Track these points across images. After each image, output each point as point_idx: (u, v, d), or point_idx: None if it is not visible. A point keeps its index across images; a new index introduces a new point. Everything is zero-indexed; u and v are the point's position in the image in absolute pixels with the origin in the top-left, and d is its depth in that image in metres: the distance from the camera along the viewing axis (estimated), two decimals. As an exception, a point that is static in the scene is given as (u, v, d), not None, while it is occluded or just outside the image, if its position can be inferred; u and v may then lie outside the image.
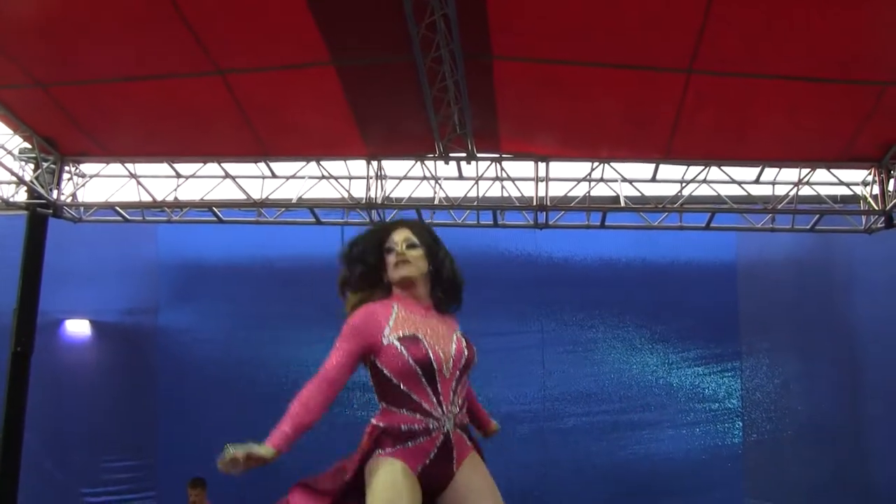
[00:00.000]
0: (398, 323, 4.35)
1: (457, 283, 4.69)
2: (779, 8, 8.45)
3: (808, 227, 12.05)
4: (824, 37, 8.78)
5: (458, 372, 4.34)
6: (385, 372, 4.31)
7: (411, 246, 4.54)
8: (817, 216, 11.93)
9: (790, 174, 11.64)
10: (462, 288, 4.72)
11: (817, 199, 11.92)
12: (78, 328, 14.30)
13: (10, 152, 11.65)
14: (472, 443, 4.49)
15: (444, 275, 4.62)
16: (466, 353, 4.40)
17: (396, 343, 4.27)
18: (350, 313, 4.48)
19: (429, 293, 4.60)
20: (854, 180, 11.76)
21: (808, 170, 11.50)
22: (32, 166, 11.94)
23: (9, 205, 12.16)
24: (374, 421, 4.39)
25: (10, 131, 11.52)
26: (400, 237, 4.56)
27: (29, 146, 11.78)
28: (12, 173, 11.69)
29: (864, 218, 11.86)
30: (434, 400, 4.26)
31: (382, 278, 4.58)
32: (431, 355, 4.26)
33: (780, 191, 11.72)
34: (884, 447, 12.35)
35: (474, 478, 4.38)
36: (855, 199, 11.88)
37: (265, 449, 4.17)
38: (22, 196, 12.14)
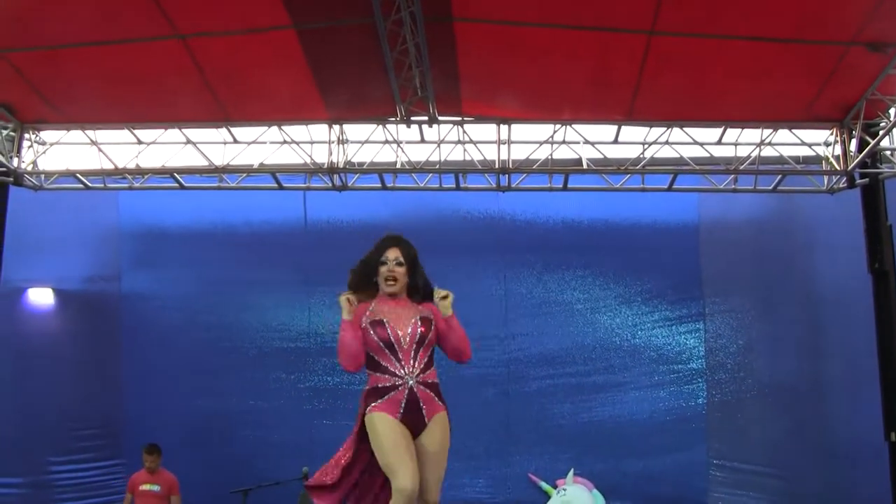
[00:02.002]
0: (373, 313, 5.88)
1: (427, 288, 6.04)
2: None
3: (770, 187, 12.11)
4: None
5: (415, 344, 5.76)
6: (366, 349, 5.82)
7: (399, 264, 5.95)
8: (779, 177, 11.98)
9: (752, 135, 11.67)
10: (430, 289, 6.04)
11: (779, 159, 11.93)
12: (41, 296, 14.21)
13: (-32, 120, 11.55)
14: (444, 403, 5.86)
15: (419, 284, 6.02)
16: (421, 330, 5.78)
17: (368, 327, 5.81)
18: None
19: (405, 291, 5.99)
20: (816, 141, 11.82)
21: (771, 130, 11.55)
22: (-9, 134, 11.83)
23: (-31, 173, 12.07)
24: (364, 388, 5.86)
25: (-32, 98, 11.41)
26: (392, 255, 5.97)
27: (-13, 113, 11.67)
28: (-29, 142, 11.58)
29: (825, 178, 11.91)
30: (397, 364, 5.75)
31: (374, 280, 5.99)
32: (390, 334, 5.76)
33: (743, 152, 11.76)
34: (844, 406, 12.45)
35: (433, 438, 5.77)
36: (817, 159, 11.94)
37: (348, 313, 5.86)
38: (-18, 164, 12.03)
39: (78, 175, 12.44)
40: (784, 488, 12.71)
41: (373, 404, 5.70)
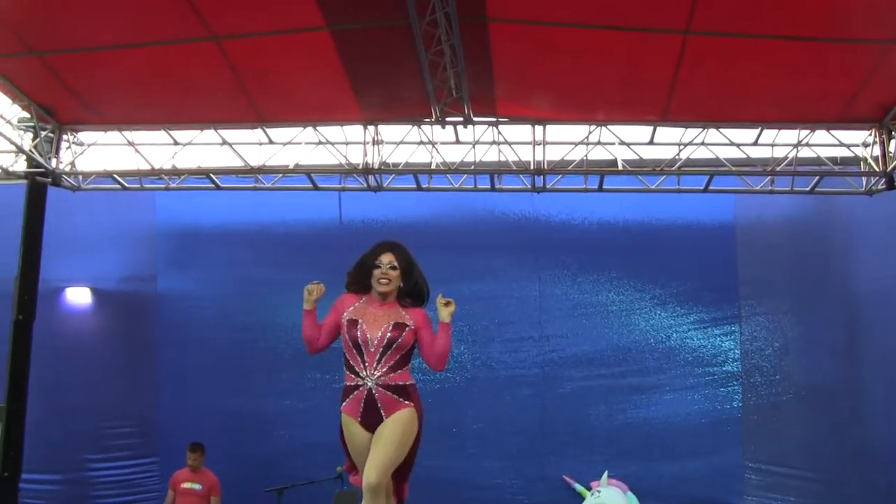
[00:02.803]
0: (354, 311, 6.24)
1: (420, 293, 6.43)
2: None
3: (807, 188, 12.03)
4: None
5: (381, 348, 6.08)
6: (342, 345, 6.23)
7: (393, 268, 6.28)
8: (817, 178, 11.90)
9: (789, 136, 11.58)
10: (424, 294, 6.44)
11: (817, 160, 11.84)
12: (78, 296, 14.32)
13: (8, 122, 11.66)
14: (412, 401, 6.15)
15: (412, 289, 6.40)
16: (389, 335, 6.10)
17: (344, 323, 6.20)
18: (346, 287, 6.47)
19: (395, 295, 6.34)
20: (854, 141, 11.70)
21: (808, 131, 11.46)
22: (31, 135, 11.93)
23: (8, 174, 12.21)
24: None
25: (9, 100, 11.50)
26: (386, 259, 6.29)
27: (27, 115, 11.81)
28: (11, 142, 11.69)
29: (864, 179, 11.82)
30: (361, 365, 6.10)
31: (368, 281, 6.32)
32: (359, 335, 6.11)
33: (780, 153, 11.67)
34: (881, 409, 12.32)
35: (383, 428, 6.03)
36: (855, 160, 11.82)
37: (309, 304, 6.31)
38: (21, 165, 12.21)
39: (115, 176, 12.57)
40: (821, 491, 12.57)
41: (343, 404, 6.18)
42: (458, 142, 12.02)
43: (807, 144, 11.56)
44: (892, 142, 11.20)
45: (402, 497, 6.44)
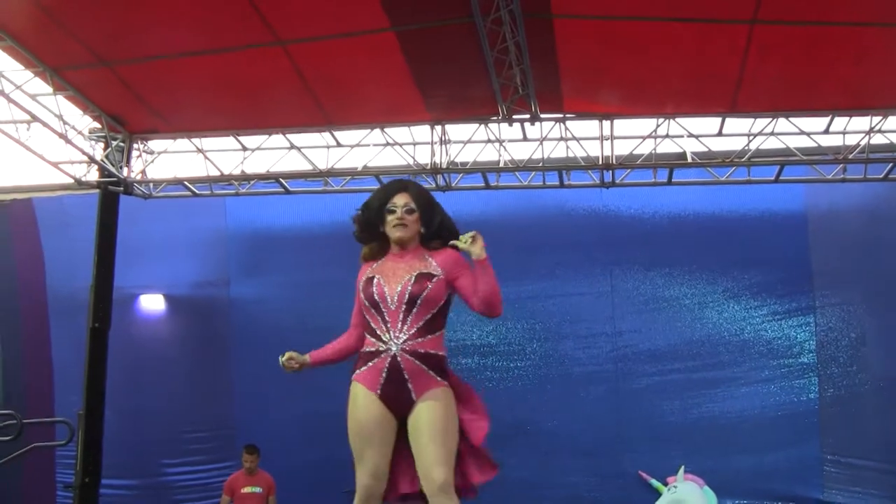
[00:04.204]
0: (372, 270, 5.19)
1: (451, 233, 5.25)
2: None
3: (881, 176, 11.87)
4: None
5: (403, 305, 5.01)
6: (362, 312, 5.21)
7: (409, 211, 5.19)
8: (890, 165, 11.73)
9: (861, 123, 11.43)
10: (455, 231, 5.26)
11: (890, 147, 11.68)
12: (152, 303, 14.52)
13: (80, 132, 11.84)
14: (448, 379, 5.06)
15: (437, 231, 5.29)
16: (411, 289, 5.02)
17: (361, 285, 5.19)
18: (361, 257, 5.39)
19: (418, 242, 5.26)
20: (927, 126, 11.55)
21: (880, 117, 11.30)
22: (102, 145, 12.12)
23: (81, 184, 12.40)
24: None
25: (80, 111, 11.67)
26: (401, 201, 5.21)
27: (98, 125, 12.01)
28: (83, 153, 11.89)
29: (938, 164, 11.66)
30: (383, 326, 5.03)
31: (381, 231, 5.25)
32: (376, 291, 5.07)
33: (851, 140, 11.52)
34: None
35: (419, 421, 4.95)
36: (929, 145, 11.67)
37: (301, 357, 5.47)
38: (93, 175, 12.39)
39: (185, 182, 12.71)
40: (903, 484, 12.44)
41: (357, 370, 5.15)
42: (525, 139, 11.98)
43: (879, 131, 11.39)
44: (966, 126, 11.04)
45: (471, 483, 5.15)
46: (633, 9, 9.47)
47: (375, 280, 5.10)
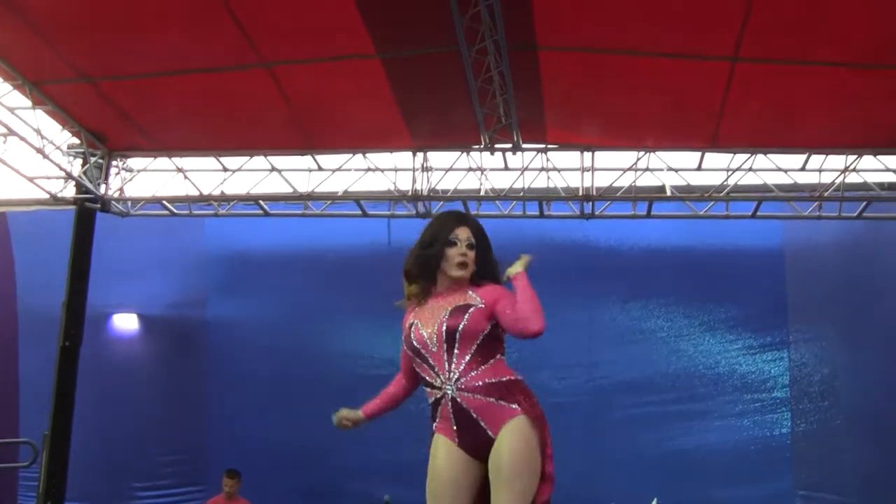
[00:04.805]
0: (414, 315, 4.80)
1: (496, 274, 4.89)
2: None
3: (855, 214, 11.97)
4: (870, 22, 8.72)
5: (443, 344, 4.59)
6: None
7: (470, 246, 4.78)
8: (864, 203, 11.84)
9: (837, 161, 11.53)
10: (498, 274, 4.88)
11: (864, 186, 11.79)
12: (126, 322, 14.44)
13: (58, 147, 11.76)
14: (520, 403, 4.56)
15: (487, 271, 4.86)
16: (447, 325, 4.59)
17: (403, 335, 4.80)
18: (405, 297, 4.95)
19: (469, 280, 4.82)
20: (902, 167, 11.67)
21: (855, 157, 11.40)
22: (80, 161, 12.01)
23: (57, 200, 12.27)
24: None
25: (59, 126, 11.62)
26: (463, 235, 4.79)
27: (77, 141, 11.89)
28: (61, 168, 11.78)
29: (911, 204, 11.77)
30: (432, 373, 4.63)
31: (437, 266, 4.80)
32: (415, 338, 4.67)
33: (827, 178, 11.62)
34: (933, 436, 12.25)
35: (497, 457, 4.45)
36: (903, 186, 11.79)
37: (354, 412, 5.18)
38: (70, 191, 12.25)
39: (164, 202, 12.65)
40: (873, 519, 12.51)
41: (434, 424, 4.70)
42: (506, 168, 12.02)
43: (854, 170, 11.50)
44: (939, 168, 11.16)
45: None
46: (618, 43, 9.51)
47: (412, 326, 4.72)
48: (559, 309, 13.46)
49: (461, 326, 4.57)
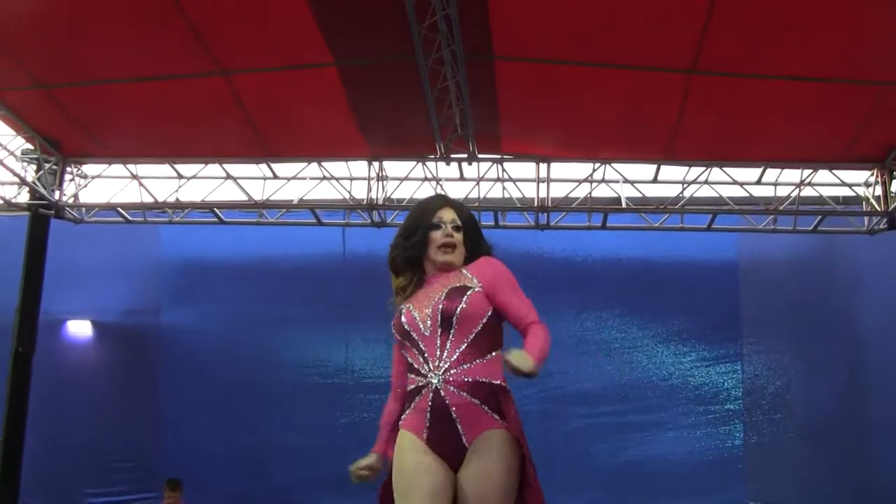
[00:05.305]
0: (406, 302, 4.37)
1: (487, 252, 4.55)
2: (780, 8, 8.43)
3: (810, 228, 12.05)
4: (826, 37, 8.76)
5: (438, 327, 4.17)
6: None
7: (456, 227, 4.44)
8: (819, 217, 11.93)
9: (792, 175, 11.64)
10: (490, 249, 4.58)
11: (819, 200, 11.91)
12: (80, 329, 14.31)
13: (12, 153, 11.68)
14: (507, 417, 4.12)
15: (476, 251, 4.52)
16: (443, 306, 4.17)
17: (393, 323, 4.35)
18: (393, 292, 4.56)
19: (461, 264, 4.47)
20: (856, 181, 11.75)
21: (810, 171, 11.51)
22: (34, 167, 11.94)
23: (11, 206, 12.20)
24: None
25: (13, 132, 11.53)
26: (448, 216, 4.46)
27: (31, 147, 11.80)
28: (14, 174, 11.72)
29: (866, 219, 11.85)
30: (420, 358, 4.17)
31: (422, 253, 4.46)
32: (405, 320, 4.25)
33: (782, 192, 11.74)
34: (886, 449, 12.32)
35: (471, 472, 4.05)
36: (857, 200, 11.89)
37: (369, 457, 4.46)
38: (24, 197, 12.18)
39: (119, 209, 12.57)
40: (824, 531, 12.57)
41: (403, 415, 4.28)
42: (462, 178, 12.04)
43: (809, 184, 11.62)
44: (894, 182, 11.25)
45: None
46: (575, 54, 9.52)
47: (404, 309, 4.31)
48: (513, 320, 13.58)
49: (459, 309, 4.15)
